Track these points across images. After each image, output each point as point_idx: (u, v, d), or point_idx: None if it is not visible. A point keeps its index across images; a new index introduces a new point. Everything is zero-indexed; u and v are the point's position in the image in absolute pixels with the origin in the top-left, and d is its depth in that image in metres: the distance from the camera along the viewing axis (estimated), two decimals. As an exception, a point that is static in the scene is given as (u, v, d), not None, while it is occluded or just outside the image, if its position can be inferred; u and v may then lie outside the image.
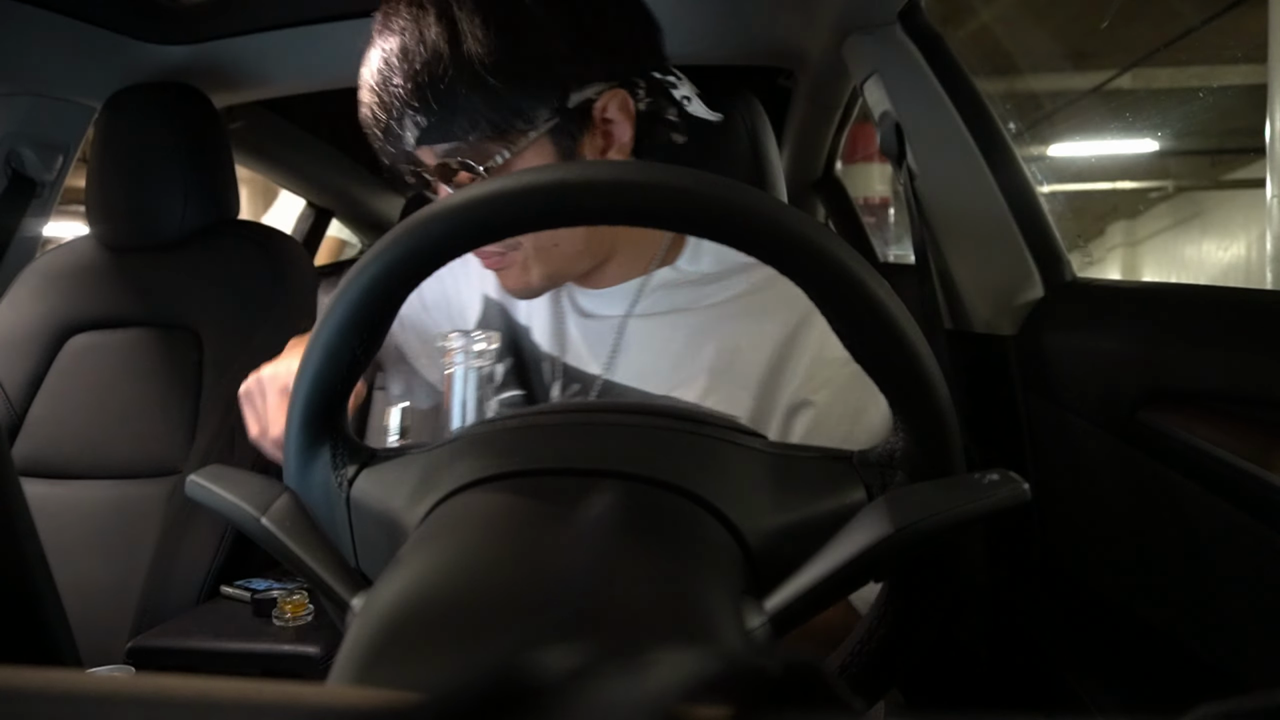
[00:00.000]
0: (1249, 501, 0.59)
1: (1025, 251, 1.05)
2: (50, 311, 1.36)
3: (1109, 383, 0.79)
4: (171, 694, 0.19)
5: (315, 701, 0.19)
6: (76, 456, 1.29)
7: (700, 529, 0.40)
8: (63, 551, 1.18)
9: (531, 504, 0.40)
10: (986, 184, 1.08)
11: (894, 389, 0.42)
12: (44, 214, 1.45)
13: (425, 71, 0.62)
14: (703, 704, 0.16)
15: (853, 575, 0.38)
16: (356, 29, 0.69)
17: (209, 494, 0.44)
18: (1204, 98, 1.31)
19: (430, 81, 0.62)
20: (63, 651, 0.60)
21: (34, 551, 0.59)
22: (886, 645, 0.44)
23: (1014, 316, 1.02)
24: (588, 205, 0.39)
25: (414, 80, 0.62)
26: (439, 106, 0.62)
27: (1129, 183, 3.22)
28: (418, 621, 0.32)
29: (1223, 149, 2.47)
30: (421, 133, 0.64)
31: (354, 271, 0.42)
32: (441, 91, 0.62)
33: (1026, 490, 0.39)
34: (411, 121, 0.64)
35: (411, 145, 0.65)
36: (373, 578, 0.45)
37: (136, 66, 1.41)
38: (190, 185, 1.36)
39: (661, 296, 0.76)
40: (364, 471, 0.47)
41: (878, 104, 1.24)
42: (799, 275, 0.40)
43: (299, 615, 1.13)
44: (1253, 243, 2.82)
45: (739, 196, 0.39)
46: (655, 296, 0.77)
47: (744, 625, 0.36)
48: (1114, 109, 2.25)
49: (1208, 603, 0.66)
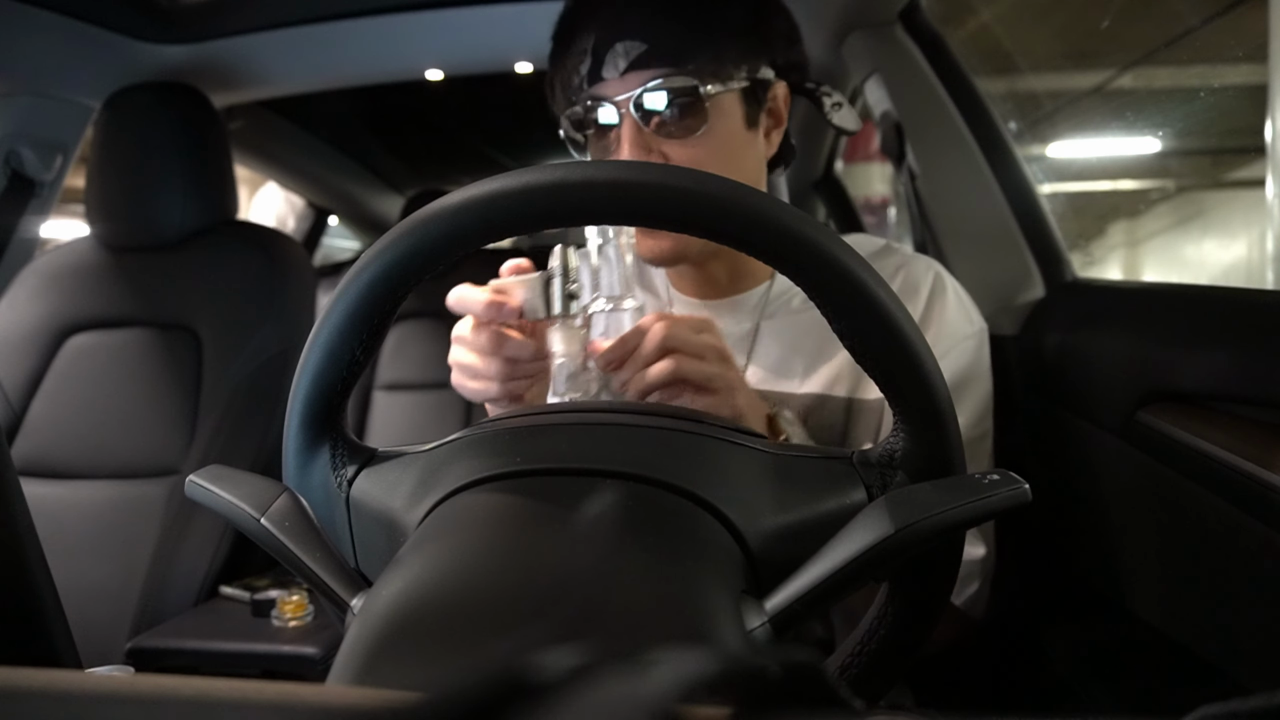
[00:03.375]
0: (1249, 501, 0.58)
1: (1026, 251, 1.05)
2: (50, 311, 1.36)
3: (1109, 383, 0.79)
4: (171, 694, 0.19)
5: (314, 701, 0.19)
6: (76, 456, 1.29)
7: (700, 529, 0.40)
8: (62, 551, 1.19)
9: (531, 504, 0.40)
10: (987, 183, 1.08)
11: (894, 389, 0.42)
12: (43, 214, 1.45)
13: None
14: (703, 704, 0.16)
15: (853, 575, 0.38)
16: (356, 29, 0.70)
17: (208, 494, 0.44)
18: (1205, 97, 1.31)
19: (685, 4, 0.68)
20: (62, 651, 0.60)
21: (34, 551, 0.59)
22: (886, 645, 0.44)
23: (1014, 316, 1.02)
24: (588, 205, 0.39)
25: (666, 4, 0.68)
26: (682, 29, 0.67)
27: (1130, 182, 3.22)
28: (417, 622, 0.32)
29: (1223, 148, 2.47)
30: (645, 54, 0.67)
31: (354, 271, 0.42)
32: (692, 16, 0.68)
33: (1026, 490, 0.39)
34: (640, 43, 0.67)
35: (625, 68, 0.68)
36: (372, 578, 0.45)
37: (136, 66, 1.41)
38: (190, 185, 1.37)
39: (789, 299, 0.77)
40: (364, 471, 0.47)
41: (878, 103, 1.24)
42: (799, 274, 0.40)
43: (298, 616, 1.13)
44: (1254, 242, 2.82)
45: (740, 196, 0.39)
46: (782, 300, 0.77)
47: (744, 625, 0.36)
48: (1114, 108, 2.25)
49: (1207, 602, 0.66)
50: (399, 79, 1.56)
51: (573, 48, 0.70)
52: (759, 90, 0.72)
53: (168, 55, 1.43)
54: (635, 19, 0.67)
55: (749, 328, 0.77)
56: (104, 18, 1.30)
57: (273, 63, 1.50)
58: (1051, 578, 0.93)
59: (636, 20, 0.67)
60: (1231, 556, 0.62)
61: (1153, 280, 0.88)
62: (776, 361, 0.75)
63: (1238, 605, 0.63)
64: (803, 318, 0.75)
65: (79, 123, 1.43)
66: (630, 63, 0.67)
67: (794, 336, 0.75)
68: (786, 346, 0.75)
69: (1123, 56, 1.99)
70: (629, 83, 0.68)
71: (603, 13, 0.68)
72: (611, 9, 0.68)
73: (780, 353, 0.75)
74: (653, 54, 0.67)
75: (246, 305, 1.34)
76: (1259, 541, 0.58)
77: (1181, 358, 0.70)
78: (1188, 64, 1.67)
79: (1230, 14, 1.52)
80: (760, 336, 0.76)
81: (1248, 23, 1.45)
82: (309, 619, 1.14)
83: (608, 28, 0.68)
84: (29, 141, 1.36)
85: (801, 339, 0.75)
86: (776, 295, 0.78)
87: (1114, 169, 2.60)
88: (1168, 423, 0.68)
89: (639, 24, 0.67)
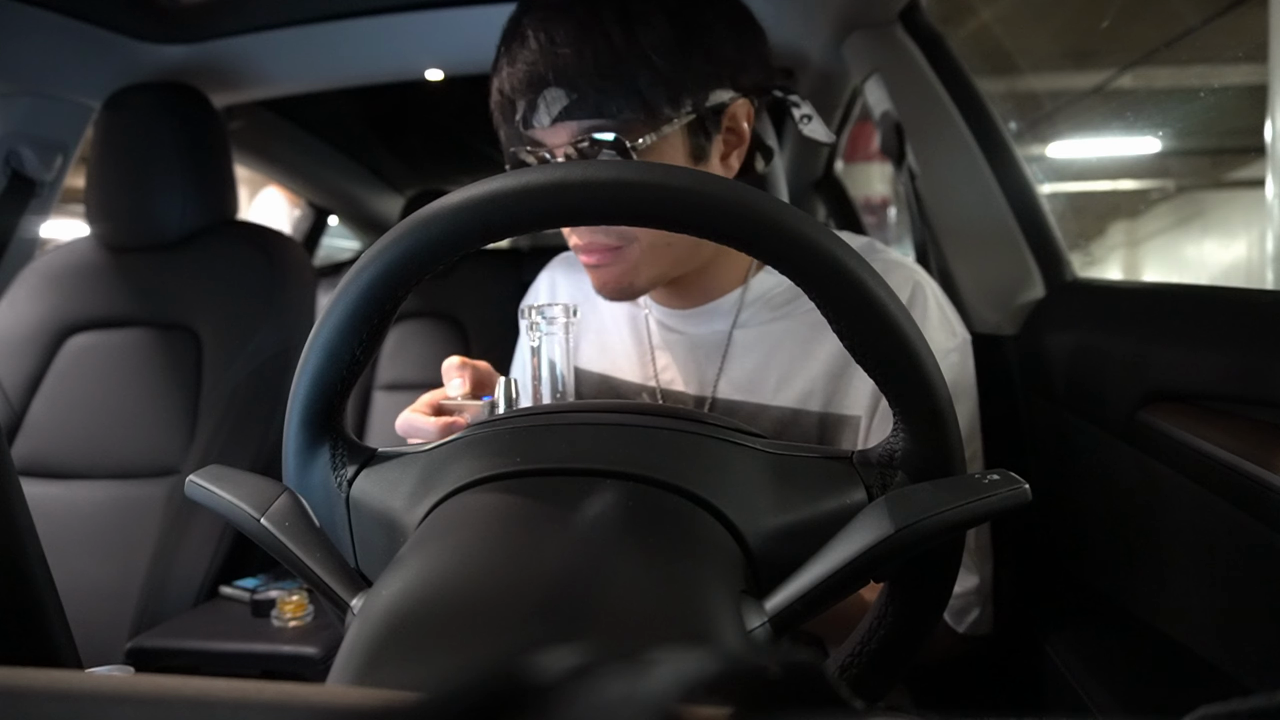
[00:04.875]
0: (1249, 501, 0.58)
1: (1026, 251, 1.05)
2: (49, 311, 1.36)
3: (1109, 383, 0.79)
4: (171, 694, 0.19)
5: (314, 701, 0.19)
6: (76, 456, 1.29)
7: (700, 529, 0.40)
8: (63, 551, 1.19)
9: (531, 504, 0.40)
10: (987, 183, 1.08)
11: (894, 389, 0.42)
12: (43, 214, 1.45)
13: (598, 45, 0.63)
14: (703, 704, 0.16)
15: (853, 575, 0.38)
16: (356, 29, 0.70)
17: (208, 494, 0.44)
18: (1205, 97, 1.31)
19: (599, 54, 0.63)
20: (62, 651, 0.60)
21: (34, 551, 0.59)
22: (886, 645, 0.44)
23: (1015, 316, 1.02)
24: (587, 205, 0.39)
25: (583, 53, 0.63)
26: (602, 80, 0.63)
27: (1130, 182, 3.22)
28: (417, 622, 0.32)
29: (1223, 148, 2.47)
30: (570, 105, 0.64)
31: (354, 271, 0.42)
32: (609, 65, 0.63)
33: (1026, 490, 0.39)
34: (564, 94, 0.64)
35: (551, 120, 0.65)
36: (372, 578, 0.45)
37: (136, 66, 1.41)
38: (190, 185, 1.37)
39: (762, 307, 0.76)
40: (364, 471, 0.47)
41: (878, 103, 1.24)
42: (799, 274, 0.40)
43: (298, 615, 1.13)
44: (1254, 242, 2.82)
45: (740, 196, 0.39)
46: (756, 306, 0.76)
47: (744, 625, 0.36)
48: (1115, 108, 2.25)
49: (1207, 602, 0.66)
50: (399, 79, 1.56)
51: (504, 92, 0.67)
52: (708, 119, 0.68)
53: (168, 55, 1.43)
54: (556, 69, 0.64)
55: (723, 336, 0.76)
56: (104, 18, 1.30)
57: (273, 63, 1.50)
58: (1051, 578, 0.93)
59: (556, 71, 0.64)
60: (1231, 556, 0.62)
61: (1153, 280, 0.88)
62: (749, 374, 0.74)
63: (1238, 605, 0.63)
64: (775, 328, 0.74)
65: (79, 123, 1.43)
66: (557, 115, 0.65)
67: (767, 349, 0.74)
68: (759, 359, 0.74)
69: (1123, 56, 1.99)
70: (559, 134, 0.66)
71: (525, 58, 0.65)
72: (533, 55, 0.65)
73: (753, 365, 0.74)
74: (577, 106, 0.64)
75: (246, 305, 1.34)
76: (1259, 541, 0.58)
77: (1181, 358, 0.70)
78: (1188, 64, 1.67)
79: (1230, 14, 1.52)
80: (732, 347, 0.75)
81: (1248, 23, 1.45)
82: (309, 619, 1.14)
83: (532, 76, 0.65)
84: (29, 141, 1.36)
85: (775, 351, 0.74)
86: (749, 303, 0.76)
87: (1114, 169, 2.60)
88: (1168, 423, 0.68)
89: (560, 75, 0.64)
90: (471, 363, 0.66)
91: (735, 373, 0.75)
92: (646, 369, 0.79)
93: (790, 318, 0.74)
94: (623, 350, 0.81)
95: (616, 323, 0.83)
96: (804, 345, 0.72)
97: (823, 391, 0.71)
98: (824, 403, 0.71)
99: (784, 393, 0.72)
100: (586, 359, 0.83)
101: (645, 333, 0.80)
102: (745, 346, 0.75)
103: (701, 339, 0.77)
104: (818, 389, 0.71)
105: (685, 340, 0.78)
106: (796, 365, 0.72)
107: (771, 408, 0.72)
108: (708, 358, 0.76)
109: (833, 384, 0.71)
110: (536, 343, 0.62)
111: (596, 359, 0.83)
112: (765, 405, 0.73)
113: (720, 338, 0.76)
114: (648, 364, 0.79)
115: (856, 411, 0.70)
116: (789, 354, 0.73)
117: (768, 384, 0.73)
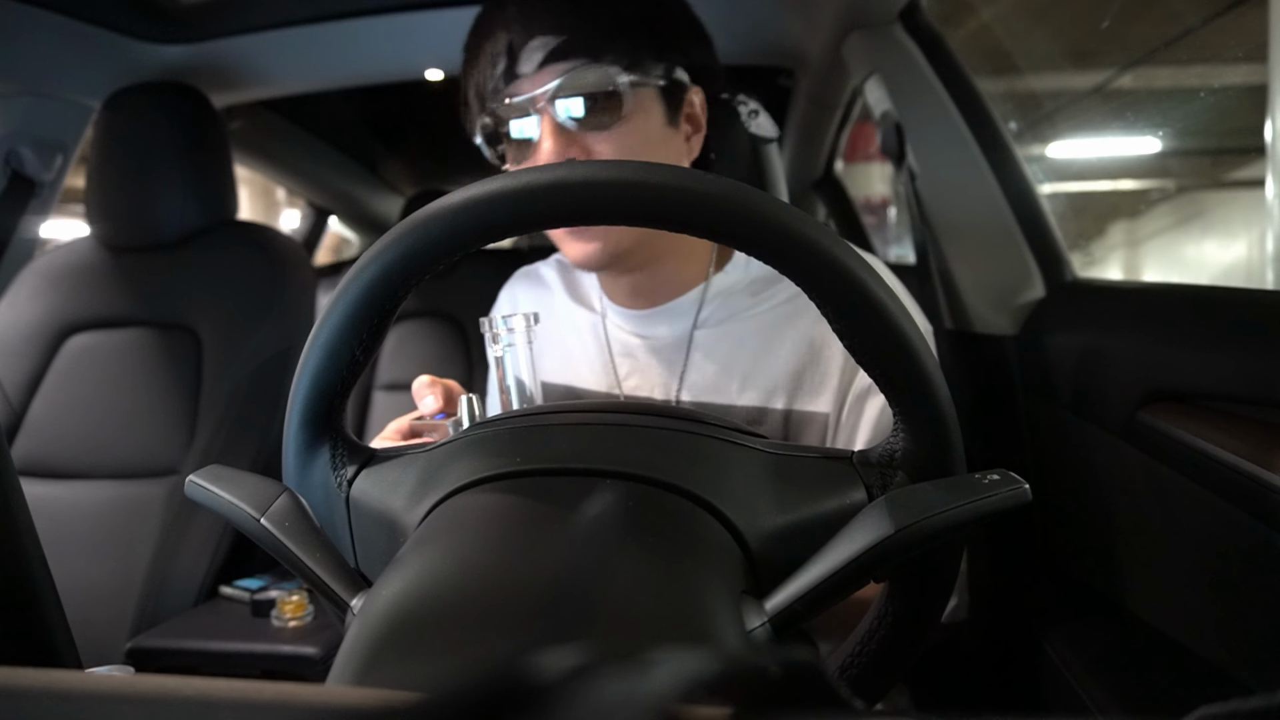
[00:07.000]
0: (1249, 501, 0.58)
1: (1026, 251, 1.05)
2: (49, 311, 1.36)
3: (1109, 383, 0.79)
4: (171, 694, 0.19)
5: (314, 701, 0.19)
6: (76, 456, 1.29)
7: (700, 529, 0.40)
8: (62, 551, 1.19)
9: (531, 504, 0.40)
10: (987, 183, 1.08)
11: (894, 389, 0.42)
12: (43, 214, 1.45)
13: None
14: (703, 704, 0.16)
15: (853, 575, 0.38)
16: (356, 29, 0.70)
17: (208, 494, 0.44)
18: (1204, 97, 1.31)
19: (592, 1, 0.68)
20: (62, 651, 0.60)
21: (34, 551, 0.59)
22: (886, 645, 0.44)
23: (1015, 316, 1.02)
24: (588, 205, 0.39)
25: None
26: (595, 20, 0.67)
27: (1130, 182, 3.22)
28: (417, 622, 0.32)
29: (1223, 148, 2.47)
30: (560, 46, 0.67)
31: (354, 271, 0.42)
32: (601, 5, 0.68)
33: (1026, 490, 0.39)
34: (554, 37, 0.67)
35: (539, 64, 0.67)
36: (372, 578, 0.45)
37: (136, 66, 1.41)
38: (190, 185, 1.37)
39: (721, 305, 0.76)
40: (364, 471, 0.47)
41: (878, 103, 1.24)
42: (799, 274, 0.40)
43: (298, 615, 1.13)
44: (1254, 242, 2.83)
45: (740, 196, 0.39)
46: (715, 305, 0.76)
47: (744, 625, 0.36)
48: (1115, 109, 2.25)
49: (1207, 602, 0.66)
50: (399, 79, 1.56)
51: (486, 51, 0.69)
52: (675, 90, 0.72)
53: (168, 55, 1.43)
54: (547, 17, 0.67)
55: (683, 338, 0.76)
56: (104, 18, 1.30)
57: (273, 63, 1.50)
58: (1051, 578, 0.93)
59: (548, 18, 0.67)
60: (1231, 556, 0.62)
61: (1153, 280, 0.88)
62: (712, 375, 0.74)
63: (1237, 605, 0.63)
64: (737, 327, 0.74)
65: (79, 123, 1.43)
66: (545, 56, 0.67)
67: (729, 348, 0.74)
68: (722, 359, 0.74)
69: (1123, 56, 1.99)
70: (545, 76, 0.67)
71: (515, 13, 0.68)
72: (523, 9, 0.68)
73: (716, 366, 0.74)
74: (567, 47, 0.67)
75: (246, 305, 1.34)
76: (1259, 541, 0.58)
77: (1181, 358, 0.70)
78: (1188, 64, 1.67)
79: (1230, 14, 1.52)
80: (694, 348, 0.75)
81: (1247, 23, 1.45)
82: (309, 619, 1.14)
83: (522, 27, 0.67)
84: (29, 141, 1.36)
85: (737, 350, 0.73)
86: (710, 300, 0.76)
87: (1114, 169, 2.60)
88: (1168, 423, 0.68)
89: (552, 21, 0.67)
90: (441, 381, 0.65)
91: (698, 374, 0.74)
92: (610, 377, 0.78)
93: (751, 316, 0.74)
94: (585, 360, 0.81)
95: (578, 333, 0.82)
96: (766, 343, 0.72)
97: (786, 389, 0.71)
98: (788, 400, 0.71)
99: (748, 392, 0.72)
100: (550, 371, 0.82)
101: (605, 341, 0.80)
102: (707, 347, 0.75)
103: (662, 342, 0.76)
104: (781, 386, 0.71)
105: (646, 345, 0.77)
106: (759, 364, 0.72)
107: (736, 407, 0.72)
108: (670, 361, 0.76)
109: (796, 381, 0.71)
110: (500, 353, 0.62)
111: (560, 370, 0.82)
112: (730, 406, 0.72)
113: (681, 340, 0.75)
114: (610, 372, 0.78)
115: (823, 409, 0.70)
116: (751, 352, 0.72)
117: (731, 384, 0.73)
